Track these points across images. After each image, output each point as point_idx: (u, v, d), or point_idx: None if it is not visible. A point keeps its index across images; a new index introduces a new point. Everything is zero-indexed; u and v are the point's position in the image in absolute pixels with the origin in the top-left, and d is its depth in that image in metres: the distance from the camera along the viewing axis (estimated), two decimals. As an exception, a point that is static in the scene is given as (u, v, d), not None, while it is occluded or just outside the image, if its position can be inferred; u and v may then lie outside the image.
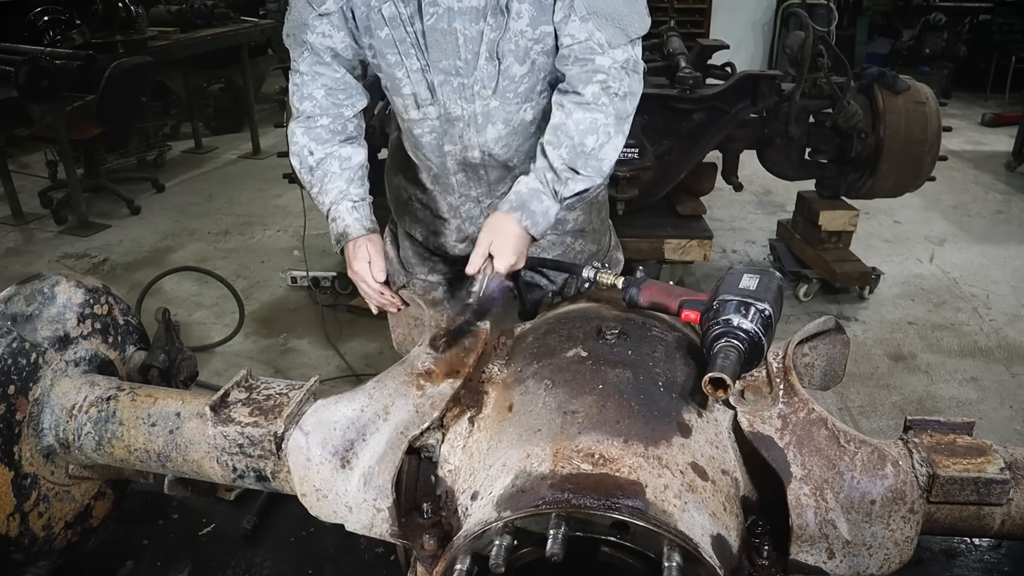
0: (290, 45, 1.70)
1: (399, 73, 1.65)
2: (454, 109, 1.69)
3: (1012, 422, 3.47)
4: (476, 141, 1.74)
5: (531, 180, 1.60)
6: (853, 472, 1.03)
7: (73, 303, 1.43)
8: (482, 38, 1.57)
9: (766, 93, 4.01)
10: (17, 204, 5.89)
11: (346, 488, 1.15)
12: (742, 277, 1.22)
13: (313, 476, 1.16)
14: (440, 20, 1.55)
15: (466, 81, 1.64)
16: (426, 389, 1.23)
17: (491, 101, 1.67)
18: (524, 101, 1.70)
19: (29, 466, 1.32)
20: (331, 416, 1.19)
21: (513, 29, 1.57)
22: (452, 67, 1.61)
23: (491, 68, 1.62)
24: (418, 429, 1.15)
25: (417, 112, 1.72)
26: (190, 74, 7.63)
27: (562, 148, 1.57)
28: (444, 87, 1.65)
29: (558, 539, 0.87)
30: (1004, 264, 5.06)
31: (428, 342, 1.37)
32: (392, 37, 1.60)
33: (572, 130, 1.57)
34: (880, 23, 10.09)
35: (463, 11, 1.55)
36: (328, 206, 1.69)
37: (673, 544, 0.88)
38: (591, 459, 0.99)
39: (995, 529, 1.14)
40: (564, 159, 1.57)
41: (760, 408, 1.10)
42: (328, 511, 1.18)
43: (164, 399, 1.36)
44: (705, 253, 4.27)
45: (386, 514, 1.11)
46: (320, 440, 1.16)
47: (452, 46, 1.58)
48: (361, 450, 1.16)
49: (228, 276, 4.31)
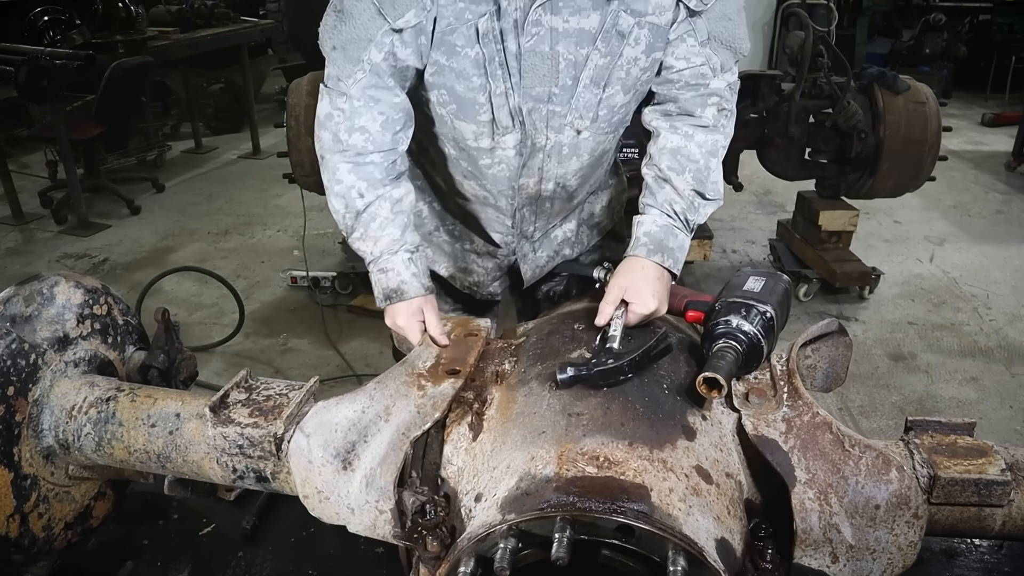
0: (335, 60, 1.41)
1: (481, 97, 1.46)
2: (539, 139, 1.54)
3: (1012, 422, 3.47)
4: (555, 173, 1.61)
5: (659, 216, 1.49)
6: (857, 476, 1.02)
7: (72, 304, 1.42)
8: (587, 63, 1.43)
9: (766, 93, 4.01)
10: (17, 204, 5.89)
11: (348, 490, 1.14)
12: (748, 279, 1.21)
13: (315, 478, 1.16)
14: (541, 42, 1.38)
15: (559, 109, 1.49)
16: (427, 389, 1.23)
17: (584, 132, 1.55)
18: (614, 130, 1.60)
19: (29, 467, 1.31)
20: (332, 418, 1.18)
21: (627, 56, 1.44)
22: (546, 93, 1.46)
23: (591, 96, 1.48)
24: (419, 430, 1.15)
25: (490, 141, 1.54)
26: (190, 74, 7.63)
27: (687, 174, 1.49)
28: (532, 115, 1.49)
29: (563, 543, 0.86)
30: (1004, 264, 5.07)
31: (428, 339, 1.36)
32: (482, 56, 1.40)
33: (695, 153, 1.50)
34: (880, 23, 10.10)
35: (568, 33, 1.39)
36: (377, 255, 1.48)
37: (678, 548, 0.88)
38: (596, 462, 0.98)
39: (996, 530, 1.14)
40: (691, 184, 1.49)
41: (764, 411, 1.10)
42: (330, 513, 1.17)
43: (164, 400, 1.36)
44: (705, 253, 4.27)
45: (388, 516, 1.11)
46: (321, 442, 1.16)
47: (551, 71, 1.43)
48: (363, 452, 1.15)
49: (228, 276, 4.31)
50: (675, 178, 1.50)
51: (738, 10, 1.48)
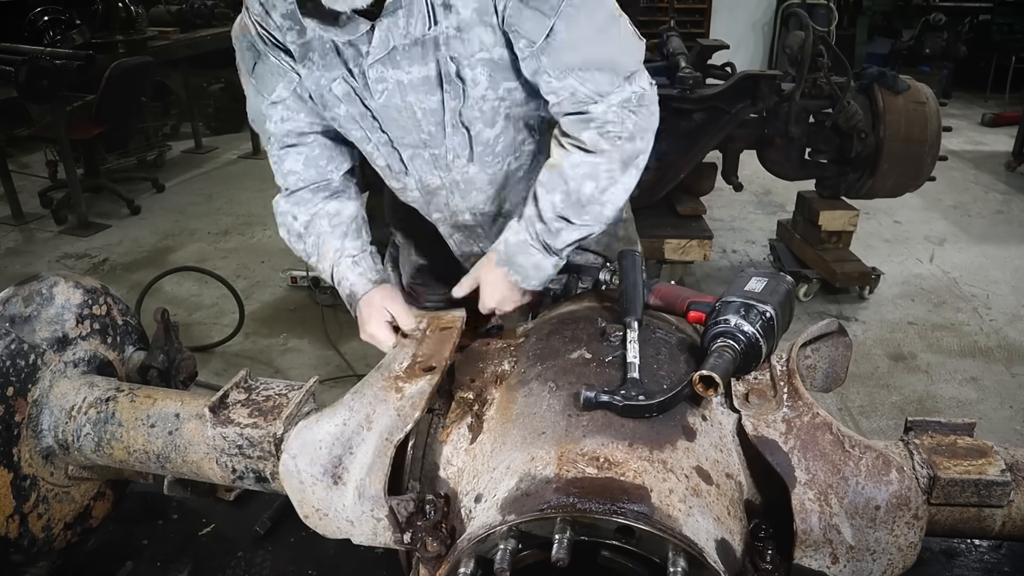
0: (255, 130, 1.61)
1: (368, 147, 1.56)
2: (431, 180, 1.59)
3: (1012, 422, 3.47)
4: (463, 206, 1.66)
5: (520, 231, 1.48)
6: (858, 477, 1.02)
7: (72, 304, 1.42)
8: (443, 108, 1.45)
9: (766, 93, 4.01)
10: (17, 204, 5.89)
11: (343, 503, 1.14)
12: (750, 280, 1.21)
13: (310, 498, 1.16)
14: (392, 96, 1.42)
15: (437, 152, 1.53)
16: (405, 390, 1.22)
17: (469, 168, 1.56)
18: (505, 157, 1.58)
19: (28, 467, 1.31)
20: (315, 435, 1.17)
21: (473, 96, 1.43)
22: (418, 140, 1.51)
23: (460, 137, 1.51)
24: (402, 433, 1.14)
25: (396, 183, 1.64)
26: (190, 74, 7.63)
27: (556, 194, 1.43)
28: (415, 160, 1.55)
29: (563, 544, 0.86)
30: (1004, 264, 5.06)
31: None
32: (351, 113, 1.48)
33: (568, 173, 1.41)
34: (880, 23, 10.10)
35: (414, 84, 1.41)
36: (329, 270, 1.56)
37: (678, 549, 0.88)
38: (596, 462, 0.98)
39: (996, 531, 1.14)
40: (556, 208, 1.43)
41: (764, 412, 1.09)
42: (332, 528, 1.17)
43: (163, 400, 1.36)
44: (705, 253, 4.27)
45: (385, 523, 1.11)
46: (308, 462, 1.15)
47: (411, 121, 1.47)
48: (350, 464, 1.15)
49: (228, 276, 4.31)
50: (543, 197, 1.44)
51: (598, 30, 1.36)
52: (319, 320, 4.22)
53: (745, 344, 1.13)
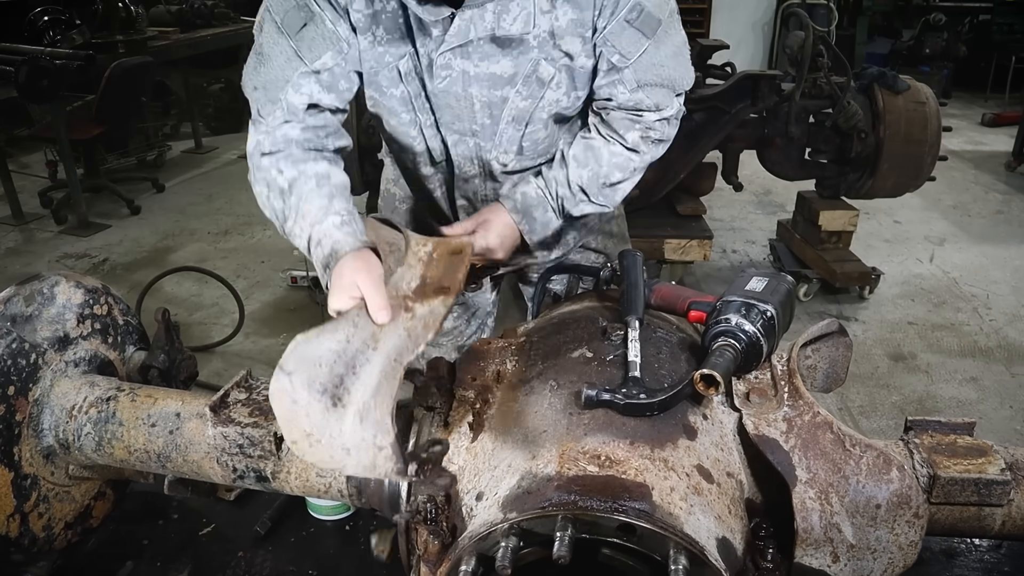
0: (256, 99, 1.42)
1: (412, 131, 1.57)
2: (468, 169, 1.63)
3: (1012, 422, 3.47)
4: (492, 196, 1.68)
5: (542, 186, 1.54)
6: (858, 476, 1.02)
7: (73, 303, 1.42)
8: (505, 104, 1.49)
9: (766, 93, 4.01)
10: (17, 204, 5.90)
11: (340, 429, 1.03)
12: (750, 279, 1.21)
13: (301, 420, 1.03)
14: (453, 84, 1.45)
15: (484, 144, 1.57)
16: (415, 310, 1.13)
17: (510, 162, 1.61)
18: (545, 154, 1.64)
19: (29, 467, 1.31)
20: (314, 351, 1.05)
21: (549, 99, 1.50)
22: (467, 129, 1.54)
23: (513, 132, 1.55)
24: (412, 354, 1.06)
25: (429, 169, 1.66)
26: (190, 74, 7.64)
27: (586, 170, 1.52)
28: (459, 146, 1.58)
29: (564, 541, 0.86)
30: (1004, 264, 5.07)
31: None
32: (407, 94, 1.49)
33: (604, 159, 1.52)
34: (880, 23, 10.12)
35: (480, 77, 1.44)
36: (308, 230, 1.35)
37: (679, 547, 0.88)
38: (597, 460, 0.98)
39: (996, 530, 1.14)
40: (583, 182, 1.52)
41: (765, 411, 1.09)
42: (323, 456, 1.05)
43: (164, 399, 1.36)
44: (705, 253, 4.28)
45: (388, 451, 1.02)
46: (305, 380, 1.03)
47: (466, 111, 1.50)
48: (352, 385, 1.05)
49: (228, 276, 4.31)
50: (573, 168, 1.53)
51: (674, 53, 1.48)
52: (319, 320, 4.16)
53: (746, 343, 1.13)
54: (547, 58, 1.44)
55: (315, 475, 1.24)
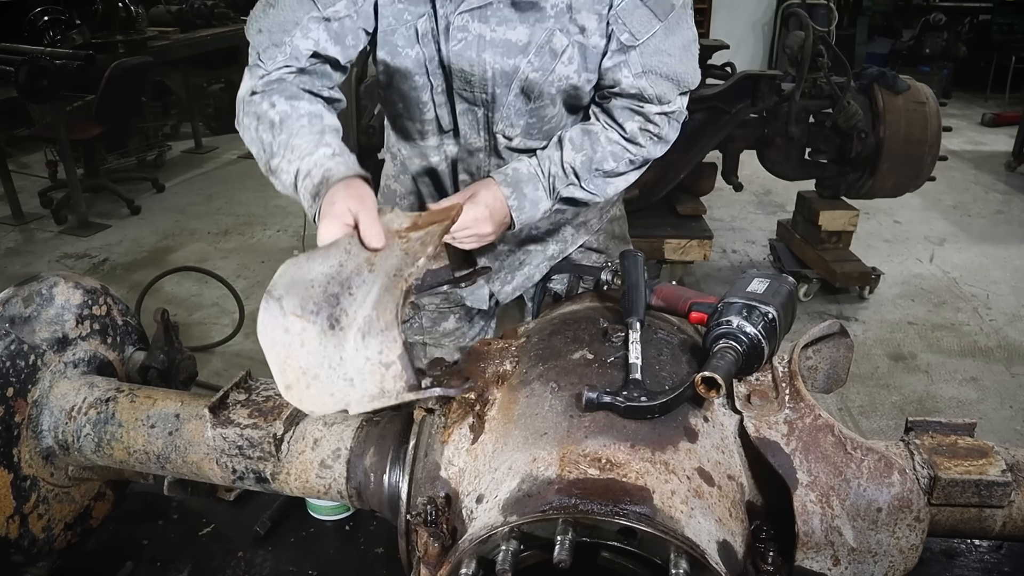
0: (259, 41, 1.39)
1: (424, 96, 1.54)
2: (474, 141, 1.60)
3: (1012, 422, 3.47)
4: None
5: (534, 164, 1.51)
6: (860, 479, 1.02)
7: (72, 304, 1.42)
8: (517, 74, 1.48)
9: (766, 93, 4.01)
10: (17, 204, 5.90)
11: (340, 356, 0.94)
12: (752, 281, 1.21)
13: (296, 353, 0.94)
14: (468, 48, 1.44)
15: (492, 115, 1.55)
16: (410, 236, 1.05)
17: (515, 138, 1.59)
18: (547, 137, 1.61)
19: (28, 468, 1.31)
20: (305, 274, 0.97)
21: (559, 73, 1.49)
22: (477, 97, 1.52)
23: (521, 105, 1.54)
24: (414, 267, 0.98)
25: (436, 139, 1.63)
26: (190, 74, 7.64)
27: (580, 153, 1.51)
28: (466, 116, 1.56)
29: (565, 545, 0.86)
30: (1004, 264, 5.07)
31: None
32: (422, 56, 1.47)
33: (600, 144, 1.51)
34: (880, 23, 10.12)
35: (495, 43, 1.44)
36: (296, 163, 1.28)
37: (680, 550, 0.88)
38: (598, 464, 0.98)
39: (996, 531, 1.13)
40: (576, 164, 1.51)
41: (766, 413, 1.09)
42: (323, 396, 0.96)
43: (163, 400, 1.36)
44: (705, 253, 4.28)
45: (398, 367, 0.93)
46: (298, 302, 0.93)
47: (478, 77, 1.48)
48: (350, 306, 0.96)
49: (228, 276, 4.31)
50: (568, 150, 1.51)
51: (683, 46, 1.48)
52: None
53: (747, 345, 1.12)
54: (562, 29, 1.44)
55: (315, 476, 1.24)
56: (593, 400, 1.05)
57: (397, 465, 1.20)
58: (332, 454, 1.23)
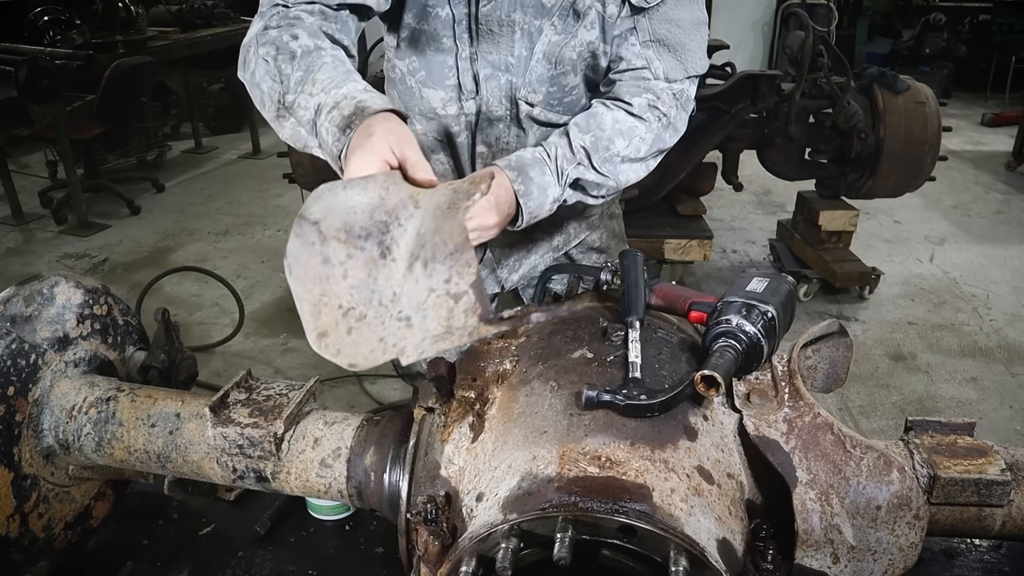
0: None
1: (449, 60, 1.50)
2: (496, 108, 1.57)
3: (1012, 422, 3.47)
4: (514, 146, 1.63)
5: (539, 150, 1.46)
6: (859, 477, 1.02)
7: (72, 304, 1.42)
8: (541, 36, 1.46)
9: (766, 93, 4.01)
10: (17, 204, 5.90)
11: (392, 290, 0.80)
12: (751, 280, 1.21)
13: (337, 289, 0.79)
14: (498, 7, 1.42)
15: (516, 80, 1.52)
16: (454, 183, 0.94)
17: (537, 106, 1.57)
18: (568, 112, 1.59)
19: (29, 467, 1.31)
20: (344, 201, 0.83)
21: (581, 38, 1.47)
22: (502, 62, 1.49)
23: (543, 70, 1.51)
24: (468, 200, 0.87)
25: (457, 107, 1.57)
26: (190, 74, 7.64)
27: (588, 135, 1.45)
28: (490, 81, 1.52)
29: (565, 543, 0.86)
30: (1004, 264, 5.07)
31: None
32: (452, 17, 1.44)
33: (607, 124, 1.46)
34: (880, 23, 10.12)
35: (524, 3, 1.42)
36: (320, 97, 1.14)
37: (680, 548, 0.88)
38: (598, 462, 0.98)
39: (996, 530, 1.14)
40: (585, 145, 1.45)
41: (766, 412, 1.09)
42: (369, 342, 0.79)
43: (164, 400, 1.36)
44: (705, 253, 4.28)
45: (470, 297, 0.79)
46: (340, 225, 0.79)
47: (507, 39, 1.45)
48: (401, 236, 0.83)
49: (228, 276, 4.31)
50: (575, 134, 1.44)
51: (693, 23, 1.48)
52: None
53: (747, 344, 1.13)
54: None
55: (315, 475, 1.24)
56: (593, 398, 1.06)
57: (397, 464, 1.20)
58: (332, 453, 1.24)
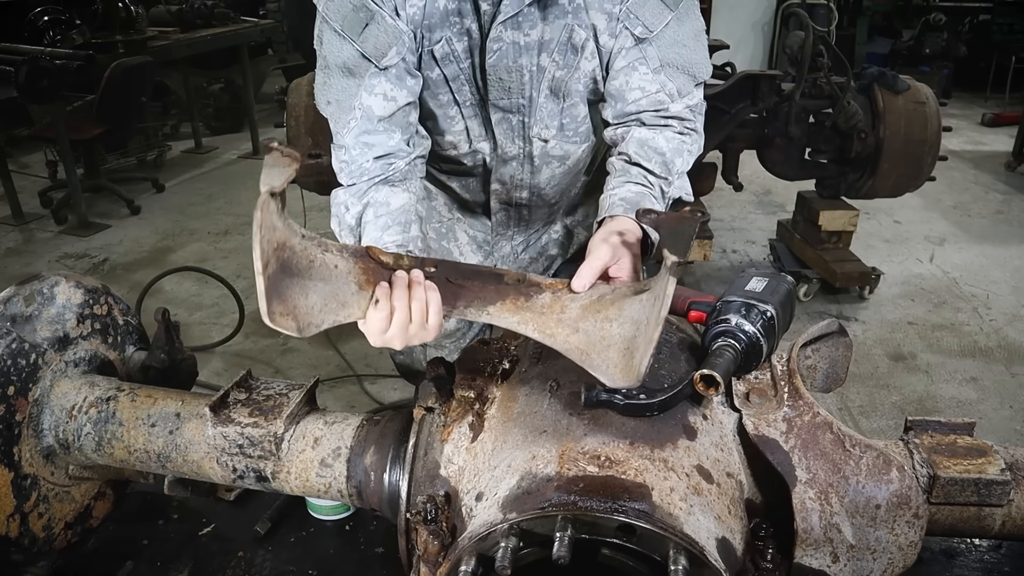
0: (331, 114, 1.46)
1: (451, 111, 1.54)
2: (509, 149, 1.59)
3: (1012, 422, 3.47)
4: (528, 182, 1.65)
5: (633, 186, 1.42)
6: (858, 476, 1.02)
7: (72, 303, 1.42)
8: (543, 74, 1.47)
9: (766, 93, 4.01)
10: (17, 204, 5.89)
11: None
12: (750, 280, 1.21)
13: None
14: (503, 56, 1.43)
15: (526, 120, 1.54)
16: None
17: (551, 141, 1.58)
18: (584, 141, 1.61)
19: (29, 467, 1.31)
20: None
21: (584, 69, 1.48)
22: (513, 105, 1.51)
23: (553, 106, 1.53)
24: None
25: (468, 147, 1.61)
26: (190, 74, 7.64)
27: (652, 162, 1.46)
28: (501, 125, 1.55)
29: (564, 542, 0.86)
30: (1004, 264, 5.07)
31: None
32: (444, 75, 1.47)
33: (663, 147, 1.47)
34: (880, 23, 10.11)
35: (529, 46, 1.43)
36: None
37: (679, 547, 0.88)
38: (597, 461, 0.98)
39: (995, 530, 1.14)
40: (658, 170, 1.46)
41: (765, 411, 1.09)
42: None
43: (164, 400, 1.36)
44: (705, 253, 4.28)
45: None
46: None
47: (516, 84, 1.47)
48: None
49: (228, 276, 4.31)
50: (644, 163, 1.46)
51: (695, 35, 1.48)
52: (319, 320, 4.22)
53: (746, 343, 1.13)
54: (580, 24, 1.43)
55: (315, 474, 1.24)
56: (592, 398, 1.06)
57: (397, 464, 1.20)
58: (332, 453, 1.24)
